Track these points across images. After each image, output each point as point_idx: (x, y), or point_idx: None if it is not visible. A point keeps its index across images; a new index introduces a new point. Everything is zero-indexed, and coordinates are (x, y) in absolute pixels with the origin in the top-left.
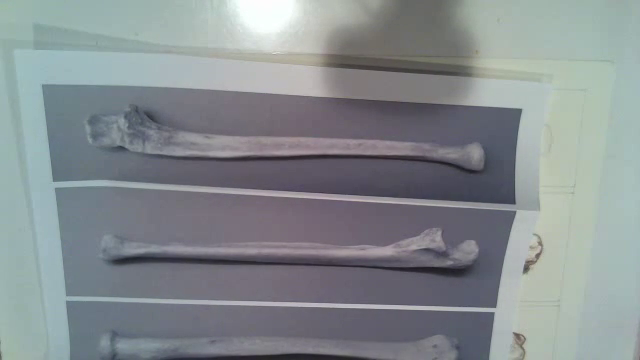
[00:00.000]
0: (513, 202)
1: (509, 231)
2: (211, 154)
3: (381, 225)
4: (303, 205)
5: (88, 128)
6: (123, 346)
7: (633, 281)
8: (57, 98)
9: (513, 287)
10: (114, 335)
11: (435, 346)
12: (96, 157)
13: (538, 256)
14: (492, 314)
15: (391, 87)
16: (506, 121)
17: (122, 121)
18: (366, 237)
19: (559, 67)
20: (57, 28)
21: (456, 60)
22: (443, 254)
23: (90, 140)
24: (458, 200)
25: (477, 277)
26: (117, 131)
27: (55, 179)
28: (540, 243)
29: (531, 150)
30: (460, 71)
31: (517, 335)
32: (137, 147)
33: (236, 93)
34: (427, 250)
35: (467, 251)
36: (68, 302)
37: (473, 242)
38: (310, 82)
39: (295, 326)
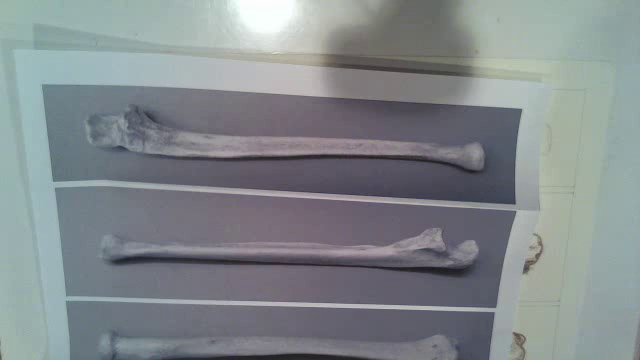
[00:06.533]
0: (513, 202)
1: (509, 231)
2: (211, 154)
3: (381, 225)
4: (303, 205)
5: (88, 128)
6: (123, 346)
7: (633, 281)
8: (57, 98)
9: (513, 287)
10: (114, 335)
11: (435, 346)
12: (96, 157)
13: (538, 256)
14: (492, 314)
15: (391, 87)
16: (506, 121)
17: (122, 121)
18: (366, 237)
19: (559, 67)
20: (57, 28)
21: (456, 60)
22: (443, 254)
23: (90, 140)
24: (458, 200)
25: (477, 277)
26: (117, 131)
27: (55, 179)
28: (540, 243)
29: (531, 150)
30: (460, 71)
31: (517, 335)
32: (137, 147)
33: (236, 93)
34: (427, 250)
35: (467, 251)
36: (68, 302)
37: (473, 242)
38: (310, 82)
39: (295, 326)
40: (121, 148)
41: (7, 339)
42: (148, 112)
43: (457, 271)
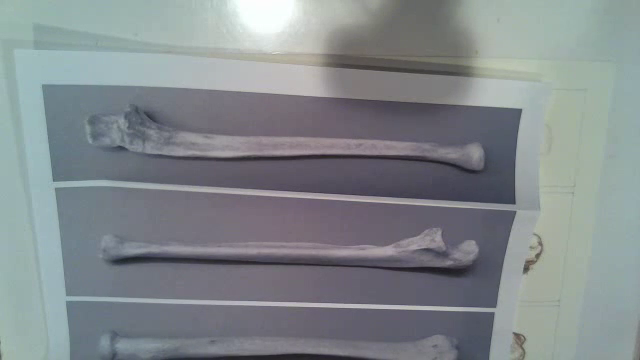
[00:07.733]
0: (513, 202)
1: (509, 231)
2: (211, 154)
3: (381, 225)
4: (303, 205)
5: (88, 128)
6: (123, 346)
7: (633, 281)
8: (57, 98)
9: (513, 287)
10: (114, 335)
11: (435, 346)
12: (96, 157)
13: (538, 256)
14: (492, 314)
15: (391, 87)
16: (506, 121)
17: (122, 121)
18: (366, 237)
19: (559, 67)
20: (57, 28)
21: (456, 60)
22: (443, 254)
23: (90, 140)
24: (458, 200)
25: (477, 277)
26: (117, 131)
27: (55, 179)
28: (540, 243)
29: (531, 150)
30: (460, 71)
31: (517, 335)
32: (137, 147)
33: (236, 93)
34: (427, 250)
35: (467, 251)
36: (68, 302)
37: (473, 242)
38: (310, 82)
39: (295, 326)
40: (121, 148)
41: (7, 339)
42: (148, 112)
43: (457, 271)
